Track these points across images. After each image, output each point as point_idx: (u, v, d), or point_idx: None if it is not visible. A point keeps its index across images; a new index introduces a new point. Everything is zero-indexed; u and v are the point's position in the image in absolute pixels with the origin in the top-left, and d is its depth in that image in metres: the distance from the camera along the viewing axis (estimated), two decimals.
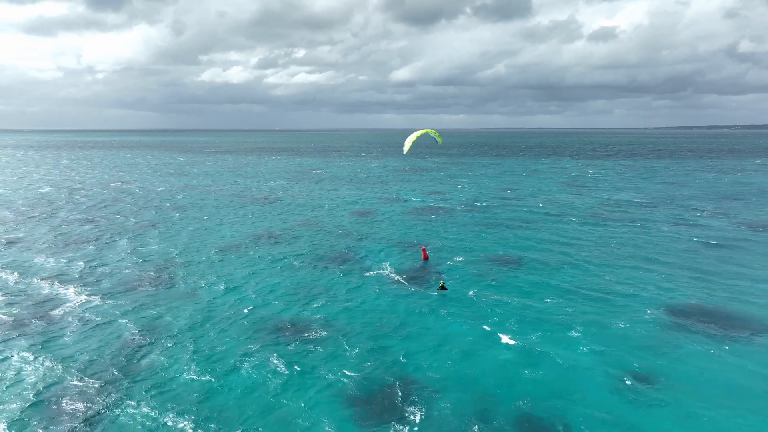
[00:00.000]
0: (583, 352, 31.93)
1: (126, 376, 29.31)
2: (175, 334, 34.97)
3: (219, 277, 47.43)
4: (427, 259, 53.96)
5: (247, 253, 56.29)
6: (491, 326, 35.99)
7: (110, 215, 79.29)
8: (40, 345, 33.25)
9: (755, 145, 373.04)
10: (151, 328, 35.90)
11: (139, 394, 27.34)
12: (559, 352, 31.92)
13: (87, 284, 45.29)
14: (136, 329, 35.67)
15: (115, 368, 30.16)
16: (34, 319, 37.49)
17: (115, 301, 41.23)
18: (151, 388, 27.95)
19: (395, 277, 47.74)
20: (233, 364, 30.68)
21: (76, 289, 43.77)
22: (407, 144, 55.51)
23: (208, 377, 29.14)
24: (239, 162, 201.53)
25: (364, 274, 48.84)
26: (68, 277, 47.20)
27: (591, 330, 35.05)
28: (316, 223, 73.39)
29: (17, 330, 35.54)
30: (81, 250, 57.48)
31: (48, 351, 32.41)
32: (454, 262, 52.36)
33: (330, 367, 30.40)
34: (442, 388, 27.97)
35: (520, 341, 33.51)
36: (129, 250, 57.18)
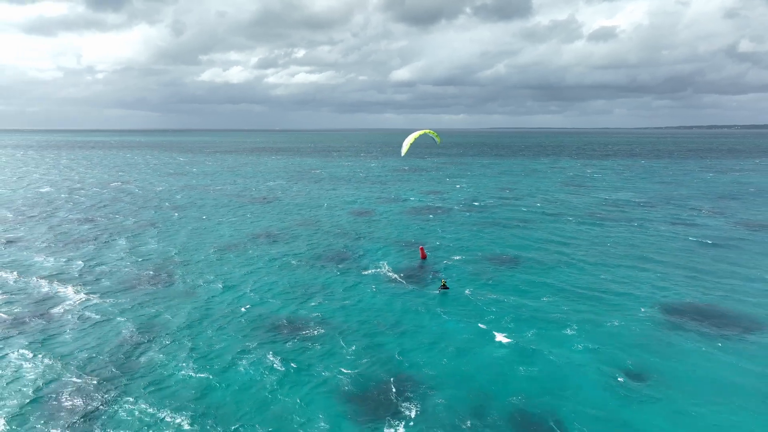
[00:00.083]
0: (577, 350, 32.24)
1: (124, 373, 29.61)
2: (173, 332, 35.28)
3: (217, 276, 47.74)
4: (425, 258, 54.26)
5: (245, 253, 56.59)
6: (487, 324, 36.28)
7: (109, 215, 79.59)
8: (40, 343, 33.56)
9: (755, 145, 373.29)
10: (150, 326, 36.21)
11: (138, 391, 27.64)
12: (553, 349, 32.23)
13: (86, 283, 45.60)
14: (134, 327, 35.99)
15: (113, 365, 30.47)
16: (33, 317, 37.80)
17: (113, 299, 41.55)
18: (149, 385, 28.25)
19: (393, 275, 48.03)
20: (230, 362, 31.00)
21: (75, 288, 44.08)
22: (405, 146, 55.04)
23: (205, 374, 29.44)
24: (239, 162, 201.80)
25: (362, 272, 49.14)
26: (67, 276, 47.51)
27: (585, 328, 35.37)
28: (314, 223, 73.70)
29: (17, 328, 35.85)
30: (80, 249, 57.79)
31: (47, 348, 32.71)
32: (451, 261, 52.67)
33: (326, 364, 30.70)
34: (437, 385, 28.27)
35: (515, 339, 33.81)
36: (128, 250, 57.48)
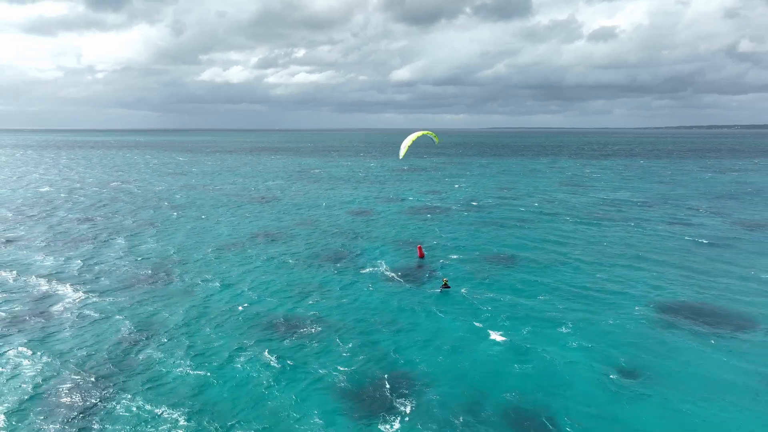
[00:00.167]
0: (571, 348, 32.52)
1: (122, 370, 29.90)
2: (170, 329, 35.56)
3: (215, 275, 48.01)
4: (422, 256, 54.54)
5: (243, 252, 56.86)
6: (482, 322, 36.57)
7: (108, 214, 79.86)
8: (38, 341, 33.85)
9: (754, 144, 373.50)
10: (148, 324, 36.49)
11: (135, 388, 27.92)
12: (547, 347, 32.50)
13: (85, 282, 45.88)
14: (132, 325, 36.27)
15: (111, 363, 30.77)
16: (32, 315, 38.09)
17: (112, 298, 41.83)
18: (146, 382, 28.53)
19: (390, 274, 48.31)
20: (227, 359, 31.28)
21: (74, 287, 44.37)
22: (403, 148, 54.24)
23: (202, 371, 29.72)
24: (238, 162, 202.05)
25: (360, 271, 49.41)
26: (66, 275, 47.79)
27: (580, 326, 35.65)
28: (312, 222, 73.96)
29: (16, 326, 36.14)
30: (79, 248, 58.07)
31: (46, 346, 33.01)
32: (449, 260, 52.94)
33: (322, 361, 30.99)
34: (432, 382, 28.55)
35: (510, 337, 34.09)
36: (126, 249, 57.76)
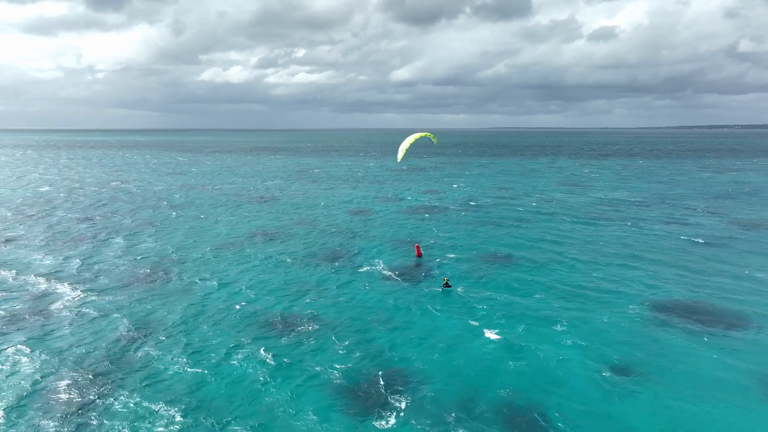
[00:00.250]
0: (565, 346, 32.81)
1: (120, 367, 30.19)
2: (168, 327, 35.86)
3: (213, 274, 48.30)
4: (420, 255, 54.83)
5: (241, 251, 57.14)
6: (478, 320, 36.86)
7: (108, 214, 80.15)
8: (37, 338, 34.15)
9: (754, 144, 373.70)
10: (146, 323, 36.79)
11: (133, 385, 28.22)
12: (542, 345, 32.80)
13: (83, 280, 46.17)
14: (130, 323, 36.56)
15: (109, 360, 31.06)
16: (31, 314, 38.38)
17: (110, 296, 42.12)
18: (144, 379, 28.83)
19: (388, 273, 48.60)
20: (224, 357, 31.58)
21: (73, 285, 44.65)
22: (401, 151, 53.70)
23: (199, 369, 30.01)
24: (238, 161, 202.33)
25: (357, 270, 49.70)
26: (65, 274, 48.08)
27: (575, 324, 35.93)
28: (311, 222, 74.25)
29: (15, 324, 36.43)
30: (78, 247, 58.35)
31: (45, 344, 33.31)
32: (446, 260, 53.22)
33: (318, 359, 31.28)
34: (427, 379, 28.84)
35: (505, 335, 34.37)
36: (125, 248, 58.05)
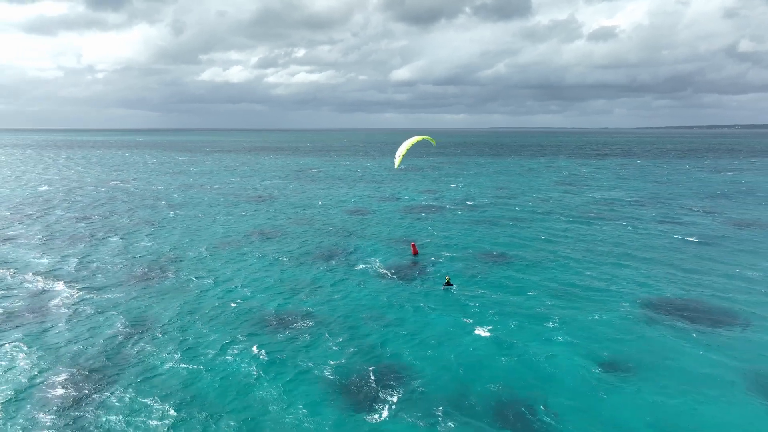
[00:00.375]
0: (556, 343, 33.16)
1: (116, 363, 30.57)
2: (163, 325, 36.23)
3: (209, 273, 48.66)
4: (416, 254, 55.18)
5: (238, 250, 57.50)
6: (471, 318, 37.22)
7: (106, 213, 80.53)
8: (34, 335, 34.52)
9: (753, 144, 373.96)
10: (142, 320, 37.17)
11: (128, 380, 28.59)
12: (533, 342, 33.18)
13: (80, 278, 46.54)
14: (126, 321, 36.94)
15: (105, 356, 31.44)
16: (28, 311, 38.76)
17: (107, 294, 42.50)
18: (139, 375, 29.21)
19: (383, 271, 48.95)
20: (218, 353, 31.95)
21: (70, 284, 45.01)
22: (398, 157, 53.28)
23: (193, 365, 30.38)
24: (237, 161, 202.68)
25: (353, 268, 50.05)
26: (62, 272, 48.45)
27: (566, 322, 36.28)
28: (308, 221, 74.61)
29: (12, 321, 36.81)
30: (76, 246, 58.73)
31: (42, 341, 33.69)
32: (441, 258, 53.58)
33: (312, 355, 31.65)
34: (418, 375, 29.21)
35: (497, 332, 34.73)
36: (123, 247, 58.42)
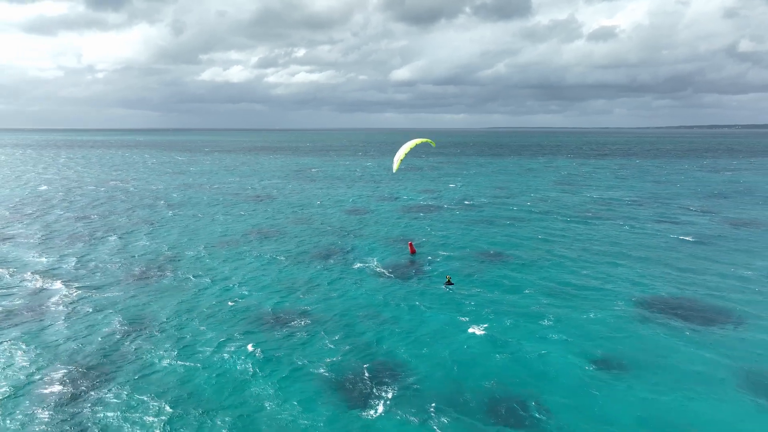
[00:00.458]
0: (550, 341, 33.38)
1: (113, 361, 30.81)
2: (161, 323, 36.46)
3: (207, 272, 48.88)
4: (414, 253, 55.42)
5: (235, 249, 57.72)
6: (466, 316, 37.45)
7: (105, 213, 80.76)
8: (32, 333, 34.74)
9: (753, 144, 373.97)
10: (139, 318, 37.40)
11: (125, 377, 28.83)
12: (527, 340, 33.41)
13: (79, 277, 46.77)
14: (124, 319, 37.17)
15: (102, 354, 31.69)
16: (27, 310, 38.98)
17: (105, 293, 42.73)
18: (135, 372, 29.45)
19: (380, 270, 49.16)
20: (214, 351, 32.18)
21: (69, 283, 45.23)
22: (396, 161, 53.14)
23: (189, 363, 30.61)
24: (237, 161, 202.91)
25: (350, 267, 50.26)
26: (61, 271, 48.68)
27: (561, 320, 36.49)
28: (306, 220, 74.83)
29: (11, 320, 37.03)
30: (74, 245, 58.96)
31: (40, 338, 33.93)
32: (438, 257, 53.79)
33: (307, 352, 31.87)
34: (413, 372, 29.43)
35: (492, 330, 34.94)
36: (121, 246, 58.64)
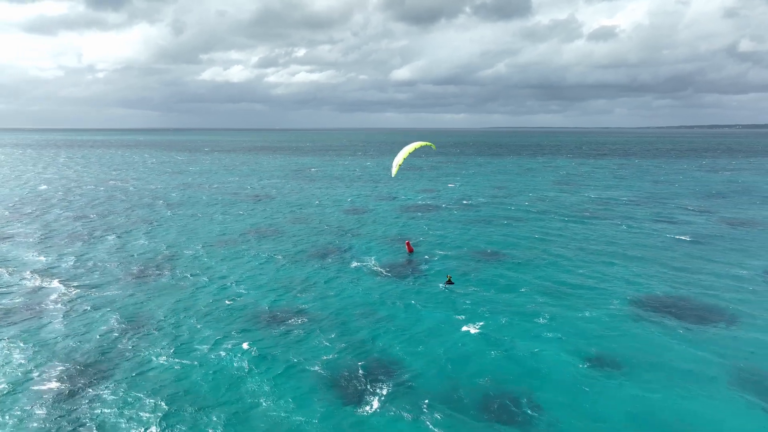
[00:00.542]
0: (545, 339, 33.56)
1: (110, 358, 30.99)
2: (157, 322, 36.65)
3: (204, 271, 49.07)
4: (411, 252, 55.62)
5: (233, 248, 57.91)
6: (461, 314, 37.64)
7: (104, 212, 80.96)
8: (30, 332, 34.92)
9: (753, 144, 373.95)
10: (137, 317, 37.59)
11: (121, 375, 29.01)
12: (522, 338, 33.59)
13: (77, 276, 46.96)
14: (121, 317, 37.36)
15: (100, 352, 31.87)
16: (24, 309, 39.15)
17: (103, 292, 42.92)
18: (133, 369, 29.63)
19: (377, 269, 49.34)
20: (211, 349, 32.35)
21: (67, 282, 45.42)
22: (395, 165, 53.01)
23: (185, 360, 30.78)
24: (236, 161, 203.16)
25: (347, 266, 50.44)
26: (59, 270, 48.87)
27: (555, 319, 36.67)
28: (304, 220, 75.01)
29: (8, 318, 37.21)
30: (73, 244, 59.16)
31: (37, 337, 34.12)
32: (436, 256, 53.97)
33: (303, 350, 32.05)
34: (408, 369, 29.60)
35: (487, 328, 35.12)
36: (120, 245, 58.84)
